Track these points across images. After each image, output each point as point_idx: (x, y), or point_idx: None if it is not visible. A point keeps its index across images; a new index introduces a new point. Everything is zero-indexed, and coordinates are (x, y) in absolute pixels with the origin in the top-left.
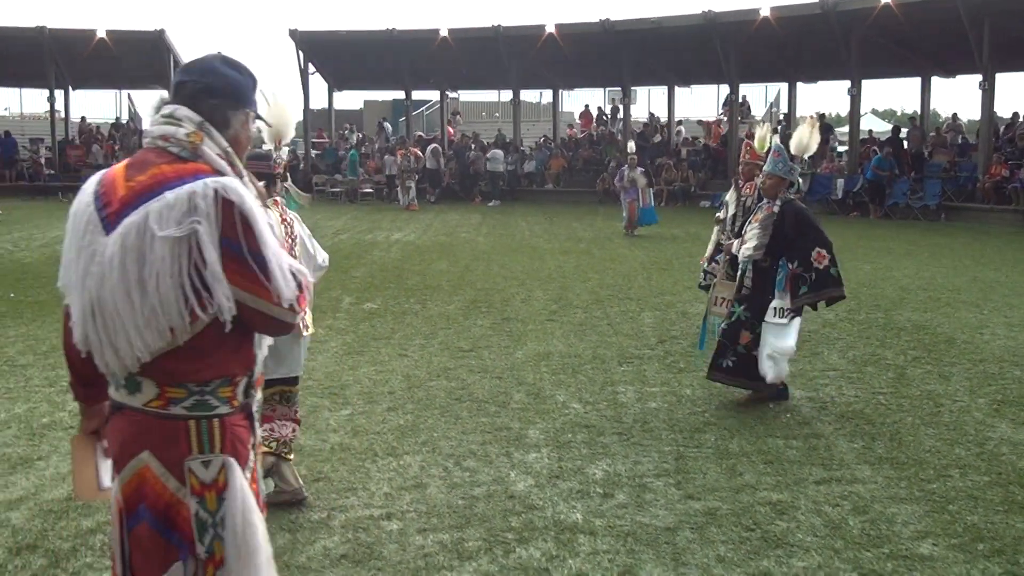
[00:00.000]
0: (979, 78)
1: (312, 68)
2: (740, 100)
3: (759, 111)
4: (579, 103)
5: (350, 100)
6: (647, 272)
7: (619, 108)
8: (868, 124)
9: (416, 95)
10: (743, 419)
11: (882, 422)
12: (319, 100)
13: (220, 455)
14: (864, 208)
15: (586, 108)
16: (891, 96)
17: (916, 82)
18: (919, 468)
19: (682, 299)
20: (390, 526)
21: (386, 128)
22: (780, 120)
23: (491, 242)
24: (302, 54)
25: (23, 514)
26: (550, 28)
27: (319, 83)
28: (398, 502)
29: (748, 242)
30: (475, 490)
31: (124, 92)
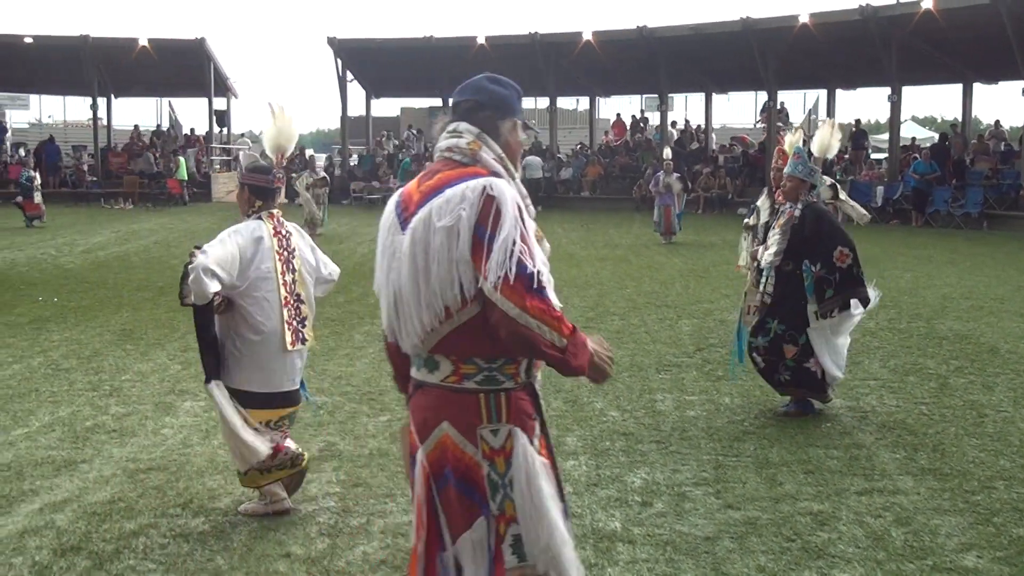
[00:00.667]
0: (1022, 85)
1: (350, 75)
2: (778, 107)
3: (797, 118)
4: (615, 111)
5: (387, 107)
6: (684, 279)
7: (647, 117)
8: (908, 131)
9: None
10: (783, 428)
11: (924, 432)
12: (357, 107)
13: (507, 424)
14: (904, 216)
15: (618, 117)
16: (931, 103)
17: (957, 88)
18: (963, 479)
19: (720, 307)
20: None
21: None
22: (819, 127)
23: None
24: (340, 62)
25: (67, 516)
26: (587, 36)
27: (357, 90)
28: None
29: (770, 248)
30: None
31: (164, 100)
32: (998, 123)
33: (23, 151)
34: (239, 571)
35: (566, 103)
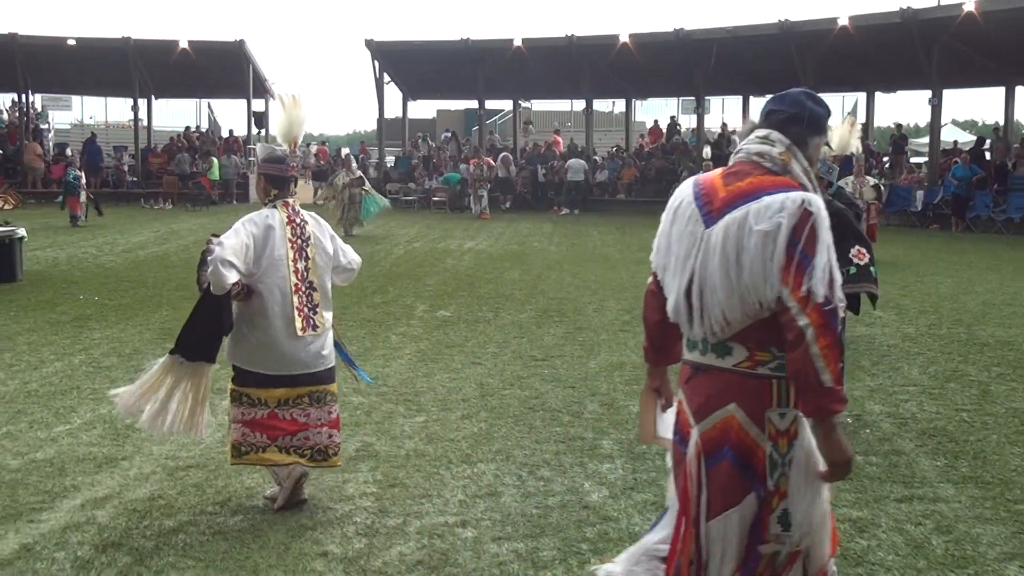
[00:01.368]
0: None
1: (387, 77)
2: None
3: (836, 120)
4: (651, 114)
5: (423, 109)
6: None
7: (678, 123)
8: (948, 134)
9: (489, 104)
10: None
11: (965, 440)
12: (393, 109)
13: (794, 409)
14: (944, 221)
15: (655, 124)
16: (972, 106)
17: (999, 92)
18: (1005, 488)
19: None
20: (465, 533)
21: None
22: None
23: (563, 251)
24: (378, 64)
25: (108, 512)
26: (624, 38)
27: (394, 92)
28: (472, 510)
29: None
30: (549, 500)
31: (204, 101)
32: None
33: (69, 151)
34: (277, 569)
35: (602, 105)
